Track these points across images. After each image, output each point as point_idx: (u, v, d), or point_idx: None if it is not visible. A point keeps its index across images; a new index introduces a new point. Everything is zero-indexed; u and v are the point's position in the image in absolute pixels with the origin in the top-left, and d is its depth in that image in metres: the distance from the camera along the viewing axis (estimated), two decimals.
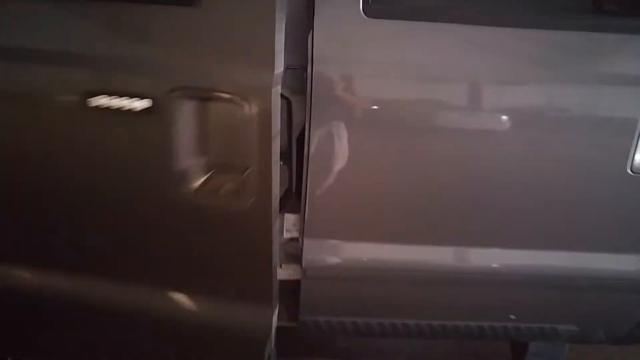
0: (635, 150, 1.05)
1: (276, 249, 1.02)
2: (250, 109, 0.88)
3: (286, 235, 1.22)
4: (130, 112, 0.90)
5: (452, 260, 1.19)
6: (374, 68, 1.03)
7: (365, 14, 0.98)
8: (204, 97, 0.92)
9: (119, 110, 0.90)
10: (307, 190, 1.08)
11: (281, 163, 1.04)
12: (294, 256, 1.22)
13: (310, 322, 1.26)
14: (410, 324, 1.30)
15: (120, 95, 0.90)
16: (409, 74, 1.05)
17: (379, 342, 1.66)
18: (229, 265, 1.06)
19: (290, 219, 1.21)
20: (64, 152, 1.00)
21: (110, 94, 0.90)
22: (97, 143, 0.98)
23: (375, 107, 1.06)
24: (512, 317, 1.26)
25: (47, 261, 1.11)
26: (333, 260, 1.18)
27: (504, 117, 1.07)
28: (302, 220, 1.12)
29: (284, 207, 1.16)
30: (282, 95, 0.97)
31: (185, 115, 0.92)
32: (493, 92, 1.09)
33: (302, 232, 1.13)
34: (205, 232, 1.02)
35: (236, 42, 0.88)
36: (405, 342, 1.66)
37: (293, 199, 1.16)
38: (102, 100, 0.91)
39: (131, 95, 0.90)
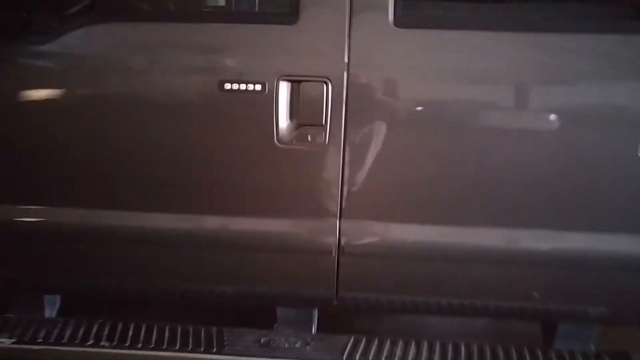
0: None
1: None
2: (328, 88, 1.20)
3: None
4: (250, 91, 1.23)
5: (476, 241, 1.33)
6: (403, 73, 1.23)
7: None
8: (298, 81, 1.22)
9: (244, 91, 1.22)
10: (345, 176, 1.28)
11: None
12: None
13: (349, 298, 1.44)
14: (442, 302, 1.45)
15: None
16: (432, 77, 1.24)
17: (409, 319, 1.80)
18: (308, 190, 1.33)
19: None
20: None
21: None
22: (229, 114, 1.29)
23: (402, 106, 1.25)
24: (536, 294, 1.38)
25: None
26: (368, 239, 1.36)
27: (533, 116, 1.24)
28: (340, 203, 1.31)
29: None
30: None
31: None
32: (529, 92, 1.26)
33: (340, 213, 1.32)
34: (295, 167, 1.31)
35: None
36: (437, 320, 1.80)
37: None
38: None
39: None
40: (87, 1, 1.39)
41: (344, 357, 1.45)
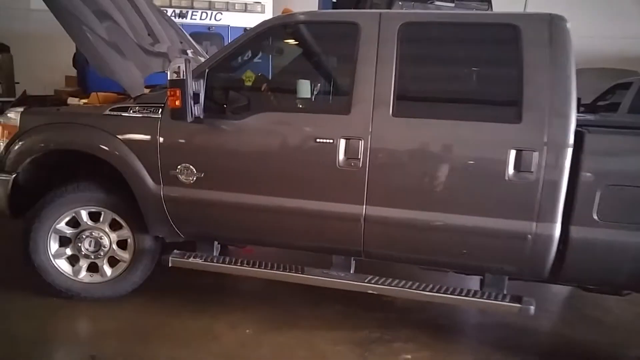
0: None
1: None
2: (363, 142, 2.64)
3: None
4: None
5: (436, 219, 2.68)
6: (396, 137, 2.69)
7: (393, 116, 2.66)
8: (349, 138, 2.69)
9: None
10: (369, 182, 2.70)
11: None
12: None
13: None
14: (419, 258, 2.81)
15: None
16: (411, 140, 2.68)
17: (404, 266, 3.11)
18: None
19: None
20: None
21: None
22: None
23: (396, 152, 2.70)
24: (464, 251, 2.68)
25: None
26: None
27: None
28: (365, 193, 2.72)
29: None
30: None
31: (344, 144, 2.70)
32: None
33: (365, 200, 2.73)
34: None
35: None
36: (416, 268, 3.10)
37: None
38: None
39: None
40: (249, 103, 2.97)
41: (365, 281, 2.84)
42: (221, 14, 6.70)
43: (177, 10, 6.51)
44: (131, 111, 2.98)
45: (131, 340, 2.89)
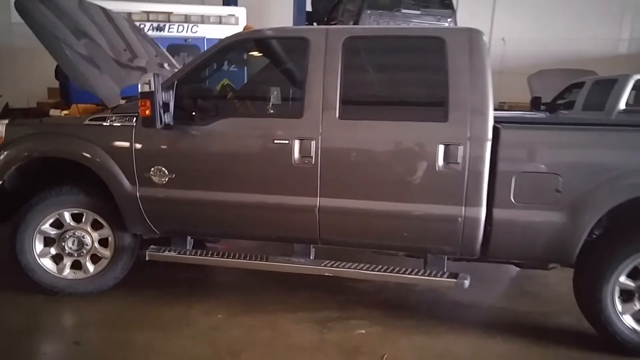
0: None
1: None
2: (315, 142, 3.02)
3: None
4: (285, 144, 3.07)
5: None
6: (342, 141, 3.06)
7: (339, 118, 3.03)
8: (302, 139, 3.05)
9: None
10: (320, 177, 3.07)
11: None
12: None
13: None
14: (366, 242, 3.19)
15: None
16: (353, 139, 3.06)
17: (358, 251, 3.48)
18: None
19: None
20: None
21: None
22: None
23: (341, 149, 3.08)
24: (406, 234, 3.07)
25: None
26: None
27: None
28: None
29: None
30: None
31: (298, 144, 3.07)
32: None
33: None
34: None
35: None
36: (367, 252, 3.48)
37: None
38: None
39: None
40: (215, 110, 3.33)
41: (322, 265, 3.20)
42: (197, 26, 7.06)
43: (155, 24, 6.84)
44: (109, 121, 3.31)
45: (112, 329, 3.20)
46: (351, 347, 3.02)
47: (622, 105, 7.17)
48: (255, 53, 3.56)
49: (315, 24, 9.09)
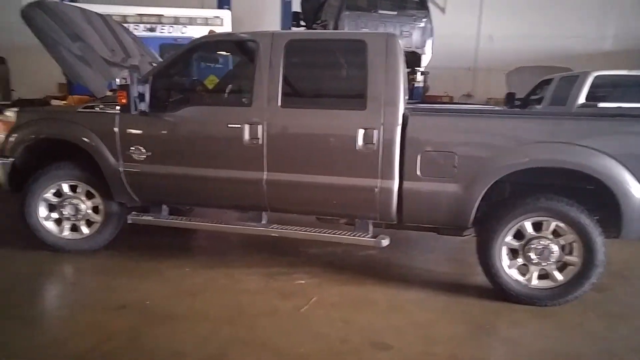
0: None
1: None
2: (261, 127, 3.73)
3: None
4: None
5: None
6: (283, 125, 3.75)
7: (281, 107, 3.74)
8: (251, 123, 3.77)
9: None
10: (266, 155, 3.78)
11: None
12: None
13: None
14: (303, 209, 3.90)
15: None
16: (292, 123, 3.76)
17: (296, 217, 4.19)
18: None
19: None
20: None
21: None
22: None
23: (281, 131, 3.78)
24: (334, 202, 3.77)
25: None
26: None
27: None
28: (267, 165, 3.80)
29: None
30: None
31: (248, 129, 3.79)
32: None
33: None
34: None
35: None
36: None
37: None
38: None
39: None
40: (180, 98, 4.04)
41: (269, 227, 3.92)
42: (185, 27, 7.82)
43: (148, 25, 7.61)
44: (97, 108, 4.06)
45: (100, 275, 3.96)
46: (289, 292, 3.73)
47: (581, 99, 7.70)
48: (217, 52, 4.28)
49: (303, 23, 9.75)
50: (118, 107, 3.94)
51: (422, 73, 9.36)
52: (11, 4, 5.49)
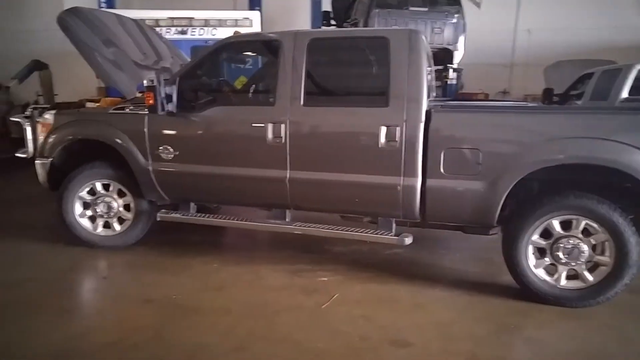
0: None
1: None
2: (285, 125, 3.78)
3: None
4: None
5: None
6: (306, 124, 3.78)
7: (303, 105, 3.77)
8: (275, 122, 3.83)
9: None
10: (289, 154, 3.82)
11: None
12: None
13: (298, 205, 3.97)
14: (327, 207, 3.91)
15: None
16: (315, 121, 3.79)
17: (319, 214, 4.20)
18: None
19: None
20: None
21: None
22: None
23: (308, 129, 3.81)
24: (357, 200, 3.76)
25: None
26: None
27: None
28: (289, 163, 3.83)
29: None
30: None
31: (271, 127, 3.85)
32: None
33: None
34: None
35: None
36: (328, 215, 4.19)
37: None
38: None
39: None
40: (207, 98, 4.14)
41: (293, 225, 3.96)
42: (216, 29, 7.99)
43: (179, 28, 7.82)
44: (127, 110, 4.21)
45: (131, 270, 4.12)
46: (312, 289, 3.76)
47: (624, 94, 7.34)
48: (242, 53, 4.35)
49: (333, 22, 9.76)
50: (146, 108, 4.07)
51: (455, 70, 9.17)
52: (50, 10, 5.75)
